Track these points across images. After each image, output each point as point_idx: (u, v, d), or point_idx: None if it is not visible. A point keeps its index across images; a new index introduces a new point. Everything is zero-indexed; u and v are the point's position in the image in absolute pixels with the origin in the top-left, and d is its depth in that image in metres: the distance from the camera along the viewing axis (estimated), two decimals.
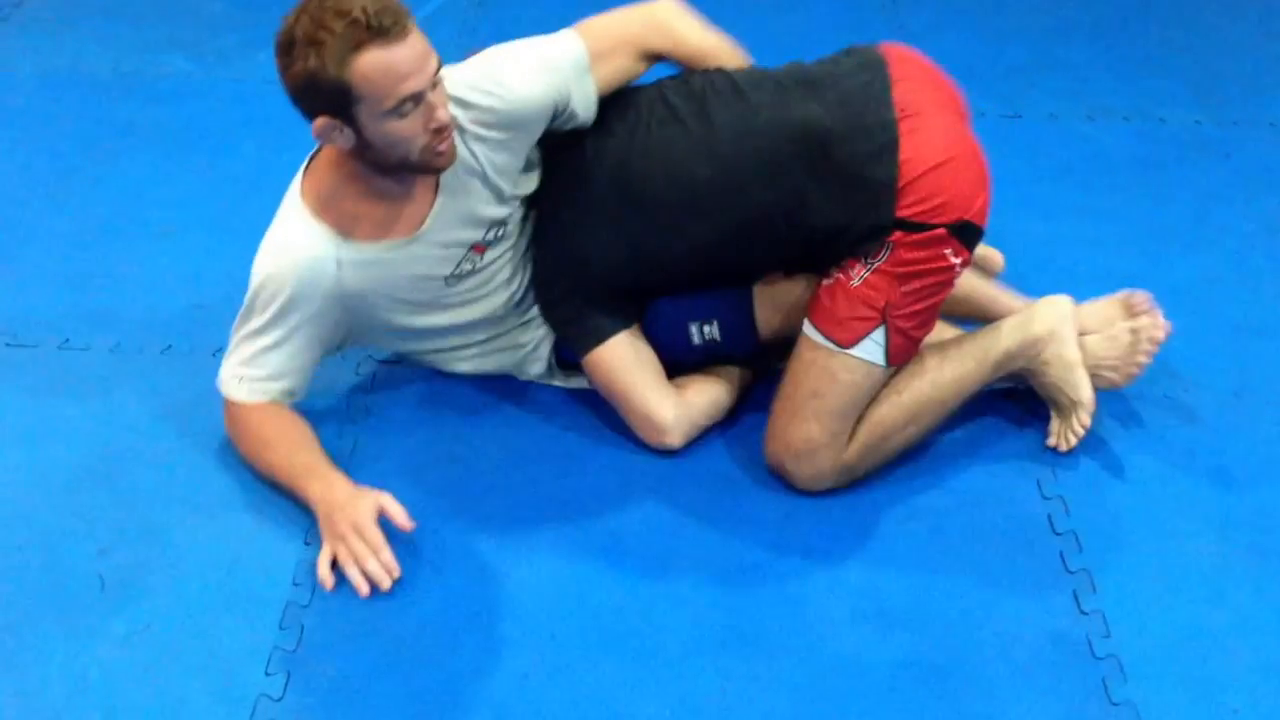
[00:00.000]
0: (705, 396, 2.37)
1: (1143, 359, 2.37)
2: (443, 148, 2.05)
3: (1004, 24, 3.94)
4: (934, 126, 2.13)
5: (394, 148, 2.02)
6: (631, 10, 2.32)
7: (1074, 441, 2.34)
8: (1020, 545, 2.22)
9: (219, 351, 2.54)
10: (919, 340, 2.23)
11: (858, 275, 2.14)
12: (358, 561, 2.08)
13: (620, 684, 1.99)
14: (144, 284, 2.77)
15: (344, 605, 2.09)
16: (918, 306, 2.16)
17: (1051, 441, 2.37)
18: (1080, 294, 2.67)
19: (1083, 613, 2.10)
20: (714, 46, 2.35)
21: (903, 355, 2.22)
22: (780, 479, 2.29)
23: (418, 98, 1.95)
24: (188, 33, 3.76)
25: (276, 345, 2.21)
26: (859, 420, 2.24)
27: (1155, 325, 2.37)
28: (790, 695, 1.97)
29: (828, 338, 2.18)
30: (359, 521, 2.10)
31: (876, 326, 2.16)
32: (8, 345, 2.60)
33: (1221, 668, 2.03)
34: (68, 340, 2.61)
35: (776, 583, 2.14)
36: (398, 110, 1.95)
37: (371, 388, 2.51)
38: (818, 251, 2.19)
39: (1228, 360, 2.64)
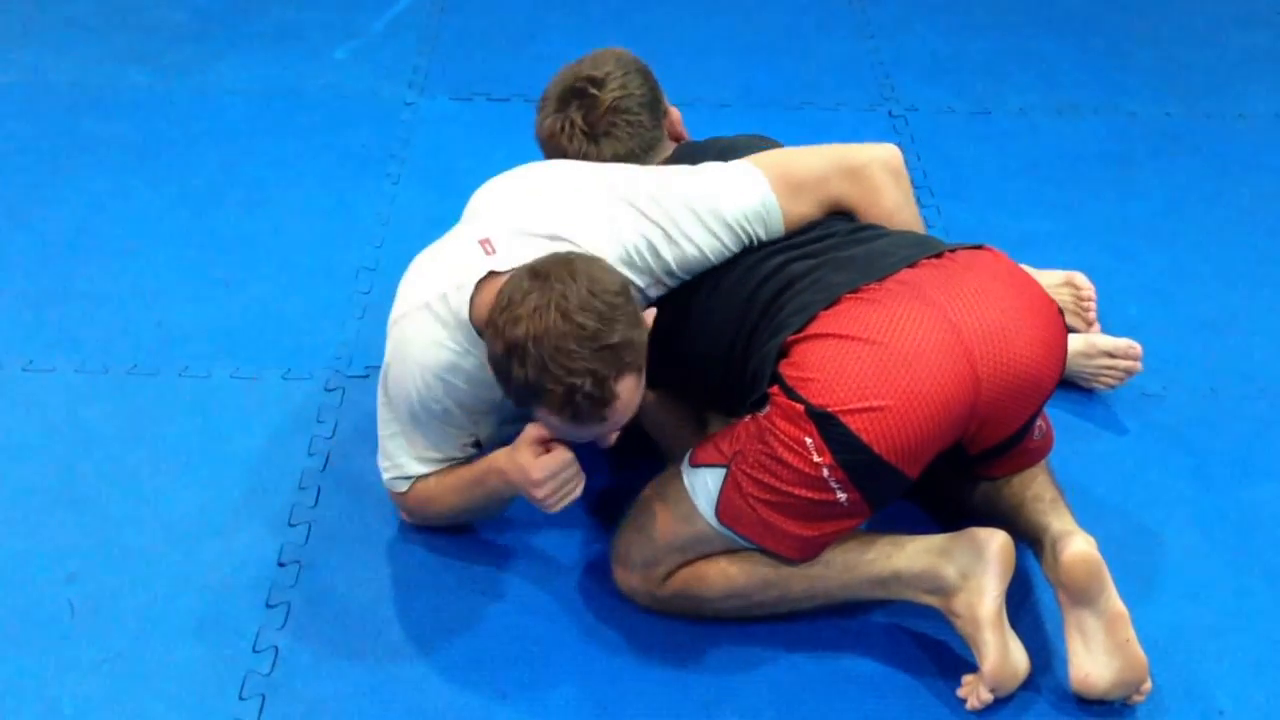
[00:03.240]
0: None
1: (1112, 383, 2.50)
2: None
3: (971, 19, 3.93)
4: (888, 309, 1.90)
5: None
6: (839, 156, 2.17)
7: (978, 706, 1.94)
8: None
9: (185, 370, 2.53)
10: (759, 516, 1.93)
11: (744, 415, 1.98)
12: (565, 484, 1.97)
13: (601, 702, 1.97)
14: (107, 302, 2.73)
15: (319, 627, 2.06)
16: (763, 476, 1.89)
17: (962, 692, 1.97)
18: None
19: None
20: (904, 221, 2.16)
21: (732, 516, 1.95)
22: None
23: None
24: (146, 45, 3.71)
25: (443, 435, 2.09)
26: (687, 564, 2.04)
27: (1133, 360, 2.46)
28: (774, 708, 1.96)
29: (691, 451, 2.05)
30: (543, 466, 1.96)
31: (719, 465, 1.96)
32: None
33: (1206, 667, 2.03)
34: (31, 362, 2.57)
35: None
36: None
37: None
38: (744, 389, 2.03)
39: (1203, 355, 2.64)
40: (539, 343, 1.78)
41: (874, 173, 2.15)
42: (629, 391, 1.84)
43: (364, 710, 1.94)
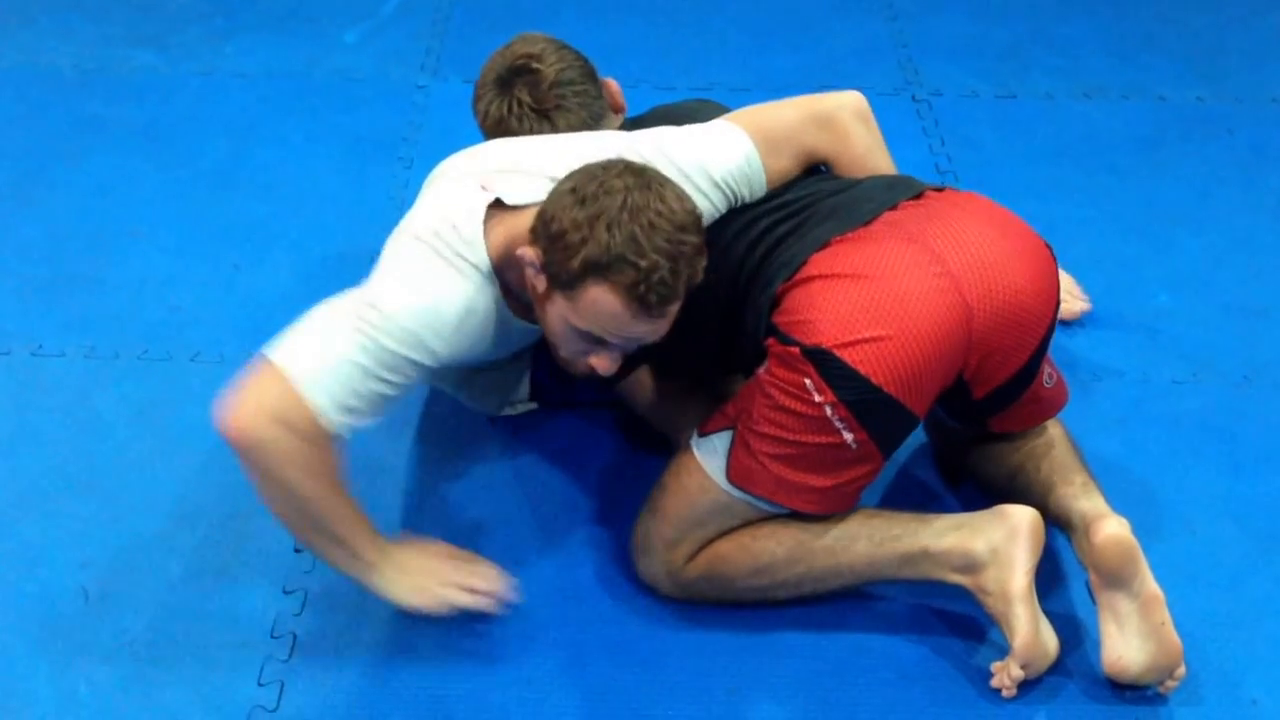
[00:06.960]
0: None
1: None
2: (575, 373, 1.95)
3: (997, 1, 3.88)
4: (875, 247, 1.90)
5: (548, 331, 1.89)
6: (808, 105, 2.16)
7: (1010, 685, 1.92)
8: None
9: (197, 356, 2.50)
10: (771, 473, 1.90)
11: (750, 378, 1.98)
12: (472, 589, 1.97)
13: (624, 689, 1.95)
14: (116, 287, 2.69)
15: (336, 613, 2.04)
16: (769, 429, 1.88)
17: (995, 682, 1.94)
18: (1080, 278, 2.66)
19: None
20: (877, 165, 2.16)
21: (744, 476, 1.92)
22: None
23: (601, 340, 1.83)
24: (151, 26, 3.66)
25: (395, 394, 1.88)
26: (708, 544, 2.01)
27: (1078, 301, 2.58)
28: (798, 693, 1.94)
29: (700, 424, 2.02)
30: (453, 565, 2.00)
31: (726, 428, 1.94)
32: None
33: (1238, 656, 2.01)
34: (41, 346, 2.53)
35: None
36: (577, 331, 1.83)
37: None
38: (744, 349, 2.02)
39: (1235, 342, 2.61)
40: (635, 214, 1.73)
41: (844, 118, 2.15)
42: (674, 313, 1.81)
43: (384, 696, 1.92)
